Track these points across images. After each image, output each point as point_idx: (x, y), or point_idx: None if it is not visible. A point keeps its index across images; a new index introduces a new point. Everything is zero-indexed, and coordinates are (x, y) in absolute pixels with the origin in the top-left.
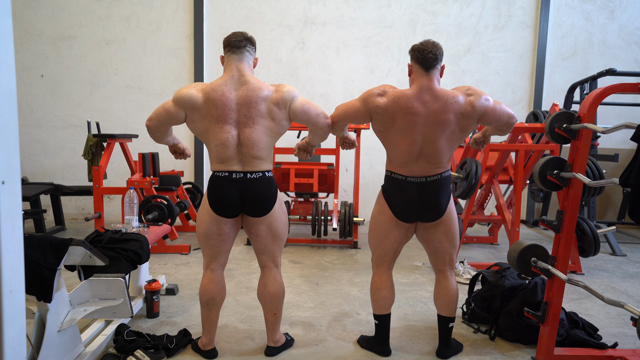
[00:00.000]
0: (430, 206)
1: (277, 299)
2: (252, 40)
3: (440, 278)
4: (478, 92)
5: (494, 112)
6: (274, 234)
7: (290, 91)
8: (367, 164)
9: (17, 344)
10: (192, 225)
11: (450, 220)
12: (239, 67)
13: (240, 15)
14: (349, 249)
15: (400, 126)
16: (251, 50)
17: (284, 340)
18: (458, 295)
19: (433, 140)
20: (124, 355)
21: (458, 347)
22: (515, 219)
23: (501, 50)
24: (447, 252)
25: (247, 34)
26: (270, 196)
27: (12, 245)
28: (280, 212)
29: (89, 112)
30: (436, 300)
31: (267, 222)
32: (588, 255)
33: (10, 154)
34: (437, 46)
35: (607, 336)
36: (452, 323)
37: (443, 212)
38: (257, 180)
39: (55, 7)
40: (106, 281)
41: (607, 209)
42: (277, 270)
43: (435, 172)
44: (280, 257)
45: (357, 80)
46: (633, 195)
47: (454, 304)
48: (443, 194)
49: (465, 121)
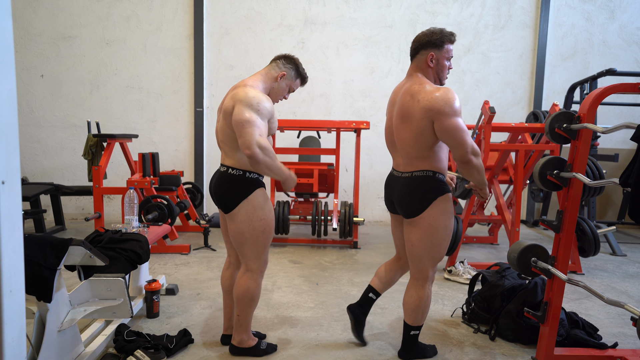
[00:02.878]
0: (399, 202)
1: (240, 301)
2: (282, 56)
3: (409, 284)
4: (444, 97)
5: (442, 127)
6: (242, 236)
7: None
8: (367, 164)
9: (17, 344)
10: (192, 225)
11: (429, 227)
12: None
13: (240, 15)
14: (349, 249)
15: (387, 117)
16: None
17: (250, 345)
18: (424, 308)
19: (399, 134)
20: (124, 355)
21: (424, 354)
22: (515, 219)
23: (501, 50)
24: (417, 258)
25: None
26: (227, 194)
27: (12, 245)
28: (252, 216)
29: (89, 112)
30: (403, 304)
31: (235, 222)
32: (588, 255)
33: (10, 154)
34: (423, 35)
35: (607, 336)
36: (413, 331)
37: (414, 212)
38: (219, 174)
39: (55, 7)
40: (106, 281)
41: (607, 209)
42: (250, 274)
43: (408, 169)
44: (257, 263)
45: (357, 80)
46: (633, 195)
47: (417, 315)
48: (412, 192)
49: (426, 118)
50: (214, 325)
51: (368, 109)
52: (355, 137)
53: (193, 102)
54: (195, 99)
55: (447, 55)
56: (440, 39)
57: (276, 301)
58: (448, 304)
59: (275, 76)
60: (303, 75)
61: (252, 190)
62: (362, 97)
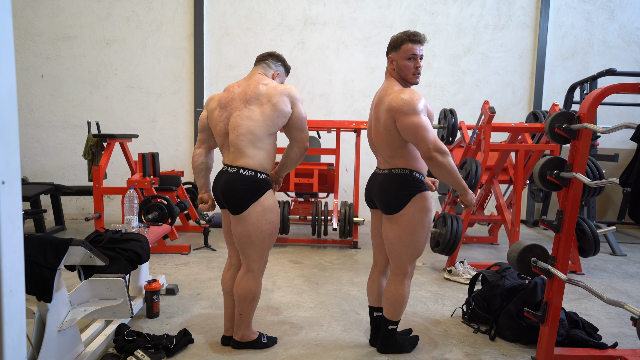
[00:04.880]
0: (378, 198)
1: (242, 301)
2: (268, 55)
3: (389, 280)
4: (404, 97)
5: (402, 125)
6: (249, 239)
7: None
8: (367, 164)
9: (17, 344)
10: (192, 225)
11: (408, 225)
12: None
13: (240, 15)
14: (349, 249)
15: (369, 119)
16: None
17: (252, 338)
18: (401, 303)
19: (375, 134)
20: (124, 355)
21: (402, 347)
22: (515, 219)
23: (501, 50)
24: (396, 255)
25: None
26: (239, 196)
27: (12, 245)
28: (262, 218)
29: (89, 112)
30: (382, 298)
31: (243, 224)
32: (588, 255)
33: (10, 154)
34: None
35: (607, 336)
36: (392, 326)
37: (393, 208)
38: (229, 176)
39: (55, 7)
40: (106, 281)
41: (607, 209)
42: (251, 274)
43: (387, 167)
44: (259, 264)
45: (357, 80)
46: (633, 195)
47: (395, 310)
48: (389, 189)
49: (389, 118)
50: (214, 325)
51: (368, 109)
52: (355, 137)
53: (193, 102)
54: (195, 99)
55: (405, 55)
56: (398, 41)
57: (276, 301)
58: (448, 304)
59: (271, 75)
60: (289, 68)
61: (264, 191)
62: (362, 97)
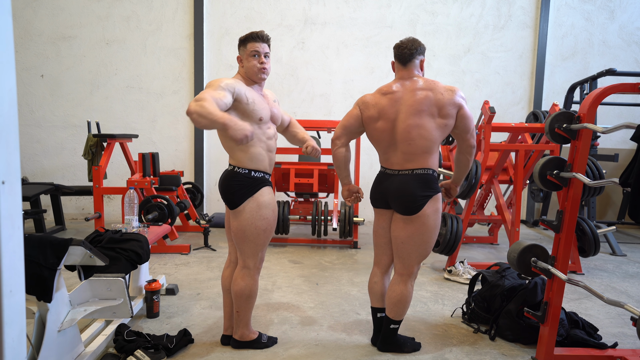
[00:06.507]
0: (399, 199)
1: (238, 298)
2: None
3: (393, 280)
4: (457, 91)
5: (464, 117)
6: (243, 234)
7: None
8: (367, 164)
9: (17, 344)
10: (192, 225)
11: (422, 225)
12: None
13: (240, 15)
14: (349, 249)
15: (383, 118)
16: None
17: (252, 338)
18: (405, 303)
19: (413, 129)
20: (124, 355)
21: (402, 347)
22: (515, 219)
23: (501, 50)
24: (405, 254)
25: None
26: (233, 191)
27: (12, 245)
28: (256, 214)
29: (89, 112)
30: (386, 298)
31: (238, 219)
32: (588, 255)
33: (10, 154)
34: (413, 42)
35: (607, 336)
36: (393, 325)
37: (414, 209)
38: (225, 172)
39: (55, 7)
40: (106, 281)
41: (607, 209)
42: (247, 271)
43: (408, 166)
44: (254, 260)
45: (357, 80)
46: (633, 195)
47: (398, 309)
48: (416, 188)
49: (440, 112)
50: (214, 325)
51: None
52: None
53: None
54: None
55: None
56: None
57: (276, 301)
58: (448, 304)
59: (239, 62)
60: (247, 37)
61: (258, 188)
62: None
